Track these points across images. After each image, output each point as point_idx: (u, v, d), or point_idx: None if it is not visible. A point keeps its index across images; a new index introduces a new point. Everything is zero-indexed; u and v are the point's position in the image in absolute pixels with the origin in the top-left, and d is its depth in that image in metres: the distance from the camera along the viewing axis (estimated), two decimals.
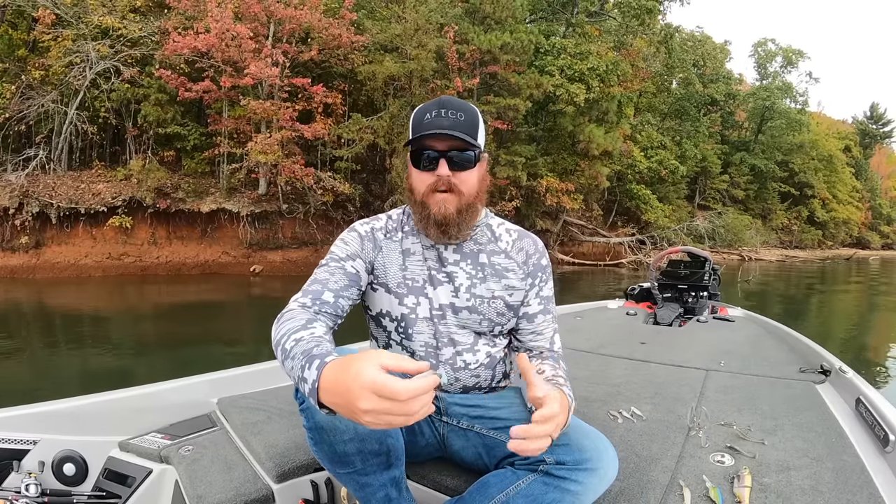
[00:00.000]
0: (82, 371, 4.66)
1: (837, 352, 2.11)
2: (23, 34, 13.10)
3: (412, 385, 0.67)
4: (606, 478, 0.95)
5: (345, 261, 1.12)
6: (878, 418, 1.32)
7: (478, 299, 1.13)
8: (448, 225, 1.10)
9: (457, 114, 1.08)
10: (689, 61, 27.44)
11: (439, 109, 1.08)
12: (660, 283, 3.54)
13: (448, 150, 1.07)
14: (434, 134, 1.05)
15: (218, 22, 12.04)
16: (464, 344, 1.13)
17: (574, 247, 19.65)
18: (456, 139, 1.07)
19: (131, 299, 9.62)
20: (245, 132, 13.28)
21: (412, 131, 1.10)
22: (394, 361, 0.70)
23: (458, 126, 1.07)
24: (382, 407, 0.66)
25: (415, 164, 1.10)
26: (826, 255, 31.51)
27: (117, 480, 1.35)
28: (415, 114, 1.11)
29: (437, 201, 1.08)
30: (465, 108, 1.10)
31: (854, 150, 42.75)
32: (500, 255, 1.18)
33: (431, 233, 1.12)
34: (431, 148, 1.07)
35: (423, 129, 1.07)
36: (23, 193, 12.06)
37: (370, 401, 0.66)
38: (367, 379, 0.67)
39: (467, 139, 1.07)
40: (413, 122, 1.11)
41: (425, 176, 1.09)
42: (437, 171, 1.07)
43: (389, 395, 0.66)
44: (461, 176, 1.09)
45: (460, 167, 1.09)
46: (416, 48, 14.05)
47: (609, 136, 17.65)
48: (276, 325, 0.95)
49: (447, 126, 1.06)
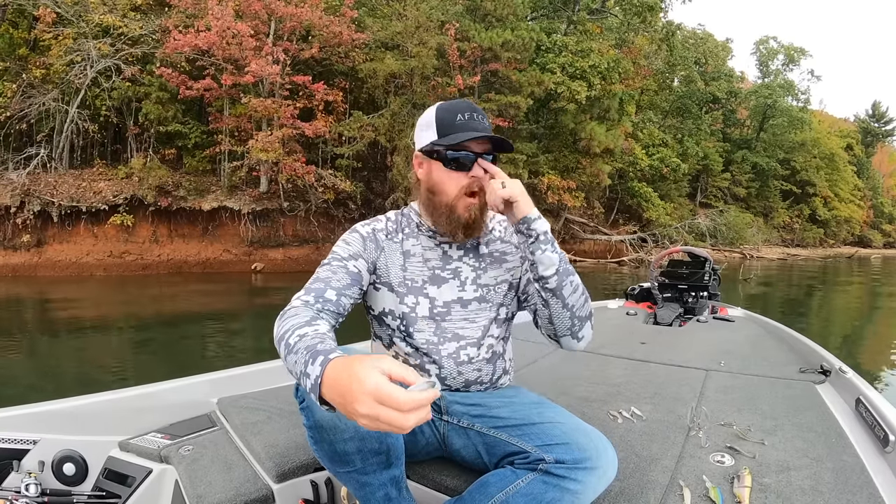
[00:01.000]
0: (82, 371, 4.67)
1: (837, 352, 2.11)
2: (24, 33, 13.11)
3: (414, 398, 0.67)
4: (606, 477, 0.95)
5: (347, 260, 1.13)
6: (878, 418, 1.31)
7: (484, 288, 1.18)
8: (475, 228, 1.14)
9: (482, 117, 1.12)
10: (690, 59, 27.40)
11: (471, 112, 1.11)
12: (660, 283, 3.53)
13: (481, 153, 1.11)
14: (478, 137, 1.08)
15: (219, 20, 12.03)
16: (467, 339, 1.16)
17: (575, 244, 19.65)
18: (488, 141, 1.11)
19: (133, 297, 9.64)
20: (246, 130, 13.30)
21: (442, 130, 1.11)
22: (399, 371, 0.70)
23: (488, 129, 1.11)
24: (381, 414, 0.66)
25: (446, 163, 1.12)
26: (827, 254, 31.47)
27: (117, 480, 1.35)
28: (439, 113, 1.13)
29: (467, 206, 1.12)
30: (482, 112, 1.14)
31: (856, 148, 42.69)
32: (496, 241, 1.24)
33: (458, 235, 1.15)
34: (468, 149, 1.10)
35: (458, 129, 1.09)
36: (24, 192, 12.09)
37: (370, 406, 0.67)
38: (371, 384, 0.67)
39: (497, 141, 1.12)
40: (441, 122, 1.12)
41: (457, 176, 1.11)
42: (473, 173, 1.11)
43: (391, 404, 0.66)
44: (485, 178, 1.13)
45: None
46: (417, 46, 14.04)
47: (610, 134, 17.65)
48: (278, 322, 0.95)
49: (482, 129, 1.10)
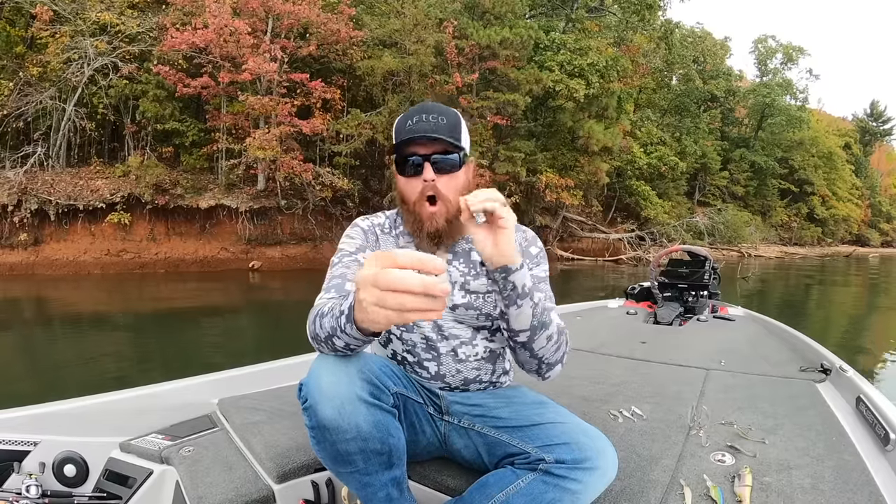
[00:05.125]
0: (82, 371, 4.66)
1: (837, 350, 2.11)
2: (20, 31, 13.03)
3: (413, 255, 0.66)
4: (606, 477, 0.96)
5: (356, 254, 1.15)
6: (879, 417, 1.32)
7: (472, 295, 1.15)
8: (440, 238, 1.11)
9: (438, 118, 1.08)
10: (689, 57, 27.37)
11: (420, 114, 1.09)
12: (660, 282, 3.54)
13: (431, 154, 1.08)
14: (415, 138, 1.06)
15: (216, 17, 11.99)
16: (462, 338, 1.16)
17: (573, 243, 19.65)
18: (439, 142, 1.07)
19: (130, 296, 9.62)
20: (243, 128, 13.26)
21: (395, 138, 1.11)
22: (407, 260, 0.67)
23: (439, 129, 1.07)
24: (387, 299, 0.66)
25: (400, 171, 1.11)
26: (825, 253, 31.53)
27: (118, 481, 1.35)
28: (397, 122, 1.13)
29: (427, 215, 1.09)
30: (445, 112, 1.10)
31: (854, 147, 42.77)
32: None
33: (424, 245, 1.13)
34: (415, 153, 1.08)
35: (404, 135, 1.08)
36: (21, 190, 12.04)
37: (370, 293, 0.68)
38: (369, 273, 0.68)
39: (450, 140, 1.07)
40: (395, 129, 1.12)
41: (413, 182, 1.10)
42: (423, 176, 1.08)
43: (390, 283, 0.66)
44: (446, 181, 1.09)
45: (445, 171, 1.09)
46: (415, 43, 14.01)
47: (609, 132, 17.63)
48: (308, 321, 0.97)
49: (429, 130, 1.06)
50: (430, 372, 1.16)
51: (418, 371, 1.17)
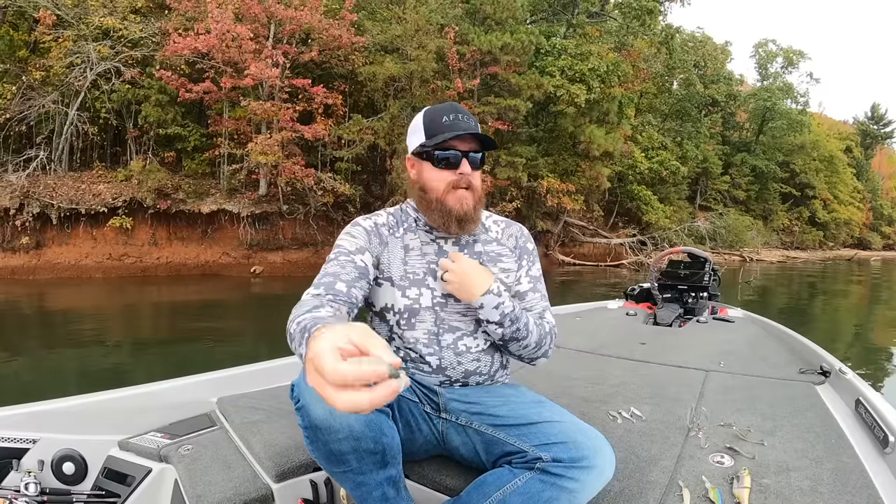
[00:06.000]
0: (81, 370, 4.66)
1: (837, 353, 2.11)
2: (24, 35, 13.09)
3: (341, 369, 0.58)
4: (603, 476, 0.96)
5: (354, 254, 1.15)
6: (878, 419, 1.31)
7: None
8: (467, 220, 1.19)
9: (471, 119, 1.19)
10: (689, 62, 27.42)
11: (456, 113, 1.17)
12: (660, 283, 3.53)
13: (468, 152, 1.18)
14: (461, 135, 1.15)
15: (218, 23, 12.04)
16: (464, 330, 1.19)
17: (575, 248, 19.64)
18: (476, 141, 1.18)
19: (132, 300, 9.63)
20: (245, 133, 13.28)
21: (429, 132, 1.17)
22: (359, 340, 0.62)
23: (476, 129, 1.17)
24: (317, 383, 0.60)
25: (434, 163, 1.18)
26: (827, 256, 31.50)
27: (117, 479, 1.35)
28: (427, 116, 1.19)
29: (457, 198, 1.17)
30: (471, 115, 1.20)
31: (855, 150, 42.75)
32: (492, 243, 1.28)
33: (452, 228, 1.19)
34: (454, 148, 1.16)
35: (444, 130, 1.15)
36: (23, 194, 12.06)
37: (312, 375, 0.61)
38: (312, 352, 0.62)
39: (484, 140, 1.18)
40: (428, 123, 1.18)
41: (445, 174, 1.18)
42: (460, 170, 1.17)
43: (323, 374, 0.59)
44: (475, 175, 1.20)
45: (476, 167, 1.20)
46: (416, 49, 14.05)
47: (610, 137, 17.63)
48: (289, 318, 0.96)
49: (469, 128, 1.16)
50: (431, 366, 1.17)
51: (420, 366, 1.18)
